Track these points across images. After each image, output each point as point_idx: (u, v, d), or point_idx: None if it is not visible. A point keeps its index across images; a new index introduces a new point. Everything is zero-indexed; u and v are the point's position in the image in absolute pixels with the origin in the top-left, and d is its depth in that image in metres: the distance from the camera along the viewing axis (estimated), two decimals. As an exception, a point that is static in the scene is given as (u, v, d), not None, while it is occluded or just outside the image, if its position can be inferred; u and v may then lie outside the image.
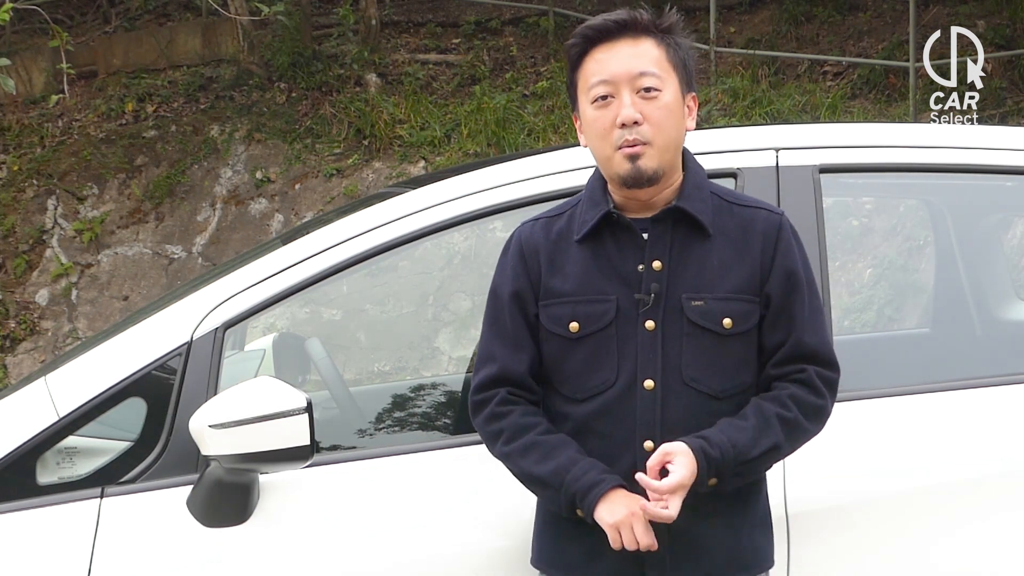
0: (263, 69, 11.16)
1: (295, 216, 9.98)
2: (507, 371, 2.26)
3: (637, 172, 2.19)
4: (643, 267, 2.22)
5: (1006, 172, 2.92)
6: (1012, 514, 2.58)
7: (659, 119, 2.19)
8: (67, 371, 2.68)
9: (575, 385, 2.24)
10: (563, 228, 2.30)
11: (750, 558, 2.26)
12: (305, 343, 3.66)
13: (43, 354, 9.56)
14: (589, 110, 2.23)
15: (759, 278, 2.22)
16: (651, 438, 2.18)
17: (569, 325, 2.23)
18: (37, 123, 11.20)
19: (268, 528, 2.50)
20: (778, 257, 2.23)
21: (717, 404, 2.20)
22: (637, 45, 2.21)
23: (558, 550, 2.29)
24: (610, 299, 2.22)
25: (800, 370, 2.22)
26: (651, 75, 2.19)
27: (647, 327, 2.20)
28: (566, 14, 11.41)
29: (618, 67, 2.19)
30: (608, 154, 2.21)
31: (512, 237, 2.35)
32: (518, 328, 2.27)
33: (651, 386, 2.19)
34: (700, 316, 2.20)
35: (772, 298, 2.23)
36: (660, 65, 2.21)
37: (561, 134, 9.70)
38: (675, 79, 2.23)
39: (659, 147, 2.19)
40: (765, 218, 2.26)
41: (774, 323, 2.23)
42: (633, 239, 2.24)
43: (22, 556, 2.50)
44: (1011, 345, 3.66)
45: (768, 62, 10.06)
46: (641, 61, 2.19)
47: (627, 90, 2.19)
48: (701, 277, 2.21)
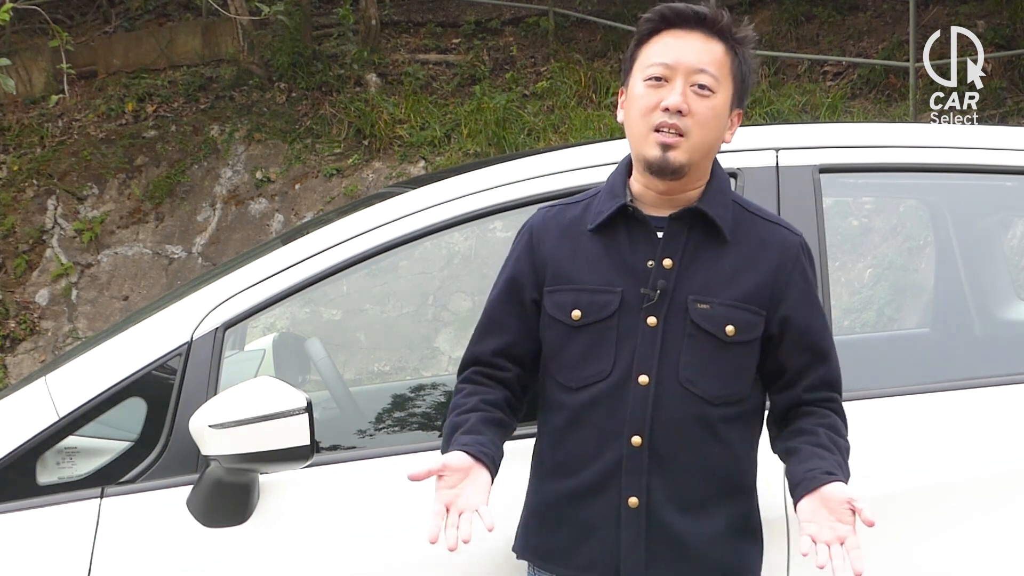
0: (263, 69, 11.16)
1: (295, 216, 9.98)
2: (474, 354, 2.34)
3: (664, 161, 2.19)
4: (653, 263, 2.22)
5: (1006, 172, 2.92)
6: (1013, 514, 2.58)
7: (703, 117, 2.19)
8: (67, 371, 2.68)
9: (571, 373, 2.25)
10: (578, 216, 2.31)
11: (734, 566, 2.25)
12: (305, 343, 3.66)
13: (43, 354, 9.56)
14: (640, 86, 2.23)
15: (769, 293, 2.23)
16: (639, 434, 2.19)
17: (572, 312, 2.24)
18: (37, 123, 11.20)
19: (268, 528, 2.50)
20: (797, 280, 2.25)
21: (710, 409, 2.21)
22: (708, 42, 2.22)
23: (542, 539, 2.30)
24: (616, 291, 2.22)
25: (831, 399, 2.27)
26: (710, 75, 2.20)
27: (649, 323, 2.20)
28: (566, 14, 11.41)
29: (682, 55, 2.20)
30: (644, 132, 2.21)
31: (527, 222, 2.37)
32: (501, 308, 2.33)
33: (645, 382, 2.19)
34: (704, 319, 2.20)
35: (792, 321, 2.23)
36: (721, 70, 2.21)
37: (561, 134, 9.70)
38: (730, 88, 2.24)
39: (693, 143, 2.20)
40: (785, 236, 2.27)
41: (797, 346, 2.24)
42: (647, 234, 2.24)
43: (22, 556, 2.50)
44: (1011, 345, 3.66)
45: (768, 62, 10.06)
46: (706, 58, 2.20)
47: (682, 79, 2.19)
48: (710, 281, 2.22)
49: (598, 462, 2.22)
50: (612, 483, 2.21)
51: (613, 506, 2.21)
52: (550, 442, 2.29)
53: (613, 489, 2.21)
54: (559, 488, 2.26)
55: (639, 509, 2.20)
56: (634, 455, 2.19)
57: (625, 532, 2.21)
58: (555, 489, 2.27)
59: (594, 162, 2.77)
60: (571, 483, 2.23)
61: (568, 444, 2.25)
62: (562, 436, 2.25)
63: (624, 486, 2.20)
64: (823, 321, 2.28)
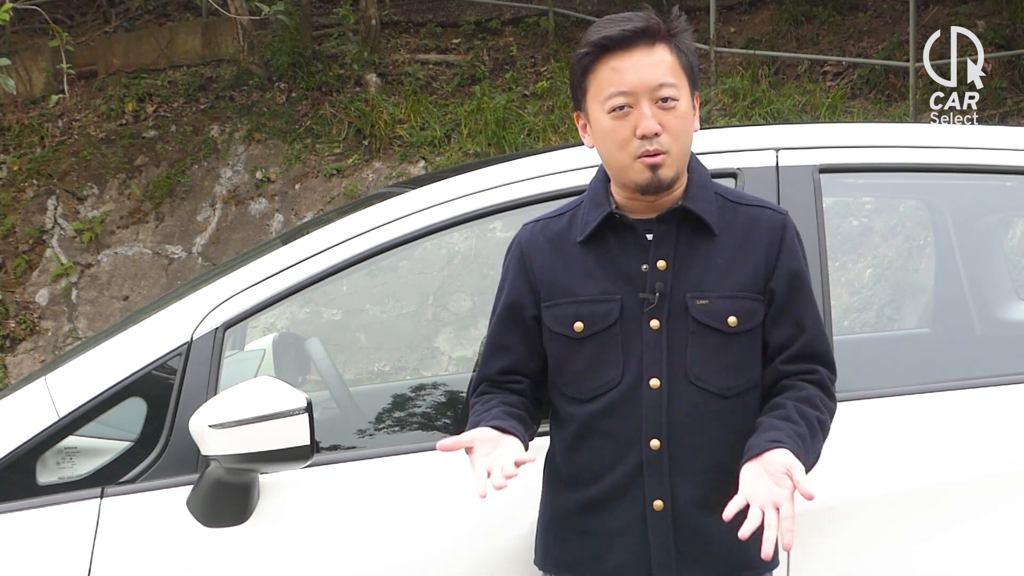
0: (263, 69, 11.16)
1: (295, 216, 9.98)
2: (484, 376, 2.35)
3: (658, 181, 2.19)
4: (647, 267, 2.22)
5: (1006, 172, 2.92)
6: (1013, 514, 2.58)
7: (677, 129, 2.19)
8: (67, 371, 2.68)
9: (580, 385, 2.25)
10: (564, 229, 2.31)
11: (756, 557, 2.26)
12: (305, 343, 3.66)
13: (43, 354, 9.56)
14: (605, 119, 2.21)
15: (763, 276, 2.23)
16: (657, 437, 2.19)
17: (574, 325, 2.24)
18: (37, 123, 11.20)
19: (268, 528, 2.50)
20: (783, 256, 2.24)
21: (723, 402, 2.21)
22: (652, 53, 2.19)
23: (563, 549, 2.29)
24: (615, 299, 2.22)
25: (813, 371, 2.24)
26: (669, 85, 2.18)
27: (652, 326, 2.21)
28: (566, 14, 11.41)
29: (637, 79, 2.17)
30: (627, 163, 2.21)
31: (514, 239, 2.36)
32: (503, 334, 2.33)
33: (657, 385, 2.19)
34: (705, 315, 2.21)
35: (776, 294, 2.24)
36: (675, 73, 2.20)
37: (561, 134, 9.70)
38: (687, 84, 2.23)
39: (676, 155, 2.20)
40: (770, 217, 2.27)
41: (777, 319, 2.24)
42: (637, 239, 2.24)
43: (22, 556, 2.50)
44: (1011, 345, 3.66)
45: (768, 62, 10.06)
46: (658, 71, 2.18)
47: (646, 101, 2.17)
48: (706, 276, 2.22)
49: (616, 470, 2.22)
50: (634, 489, 2.21)
51: (638, 511, 2.22)
52: (563, 454, 2.28)
53: (636, 494, 2.21)
54: (577, 498, 2.26)
55: (665, 512, 2.20)
56: (654, 459, 2.19)
57: (653, 535, 2.21)
58: (573, 499, 2.27)
59: (594, 162, 2.77)
60: (589, 492, 2.23)
61: (583, 454, 2.24)
62: (575, 447, 2.25)
63: (648, 490, 2.20)
64: (808, 296, 2.26)
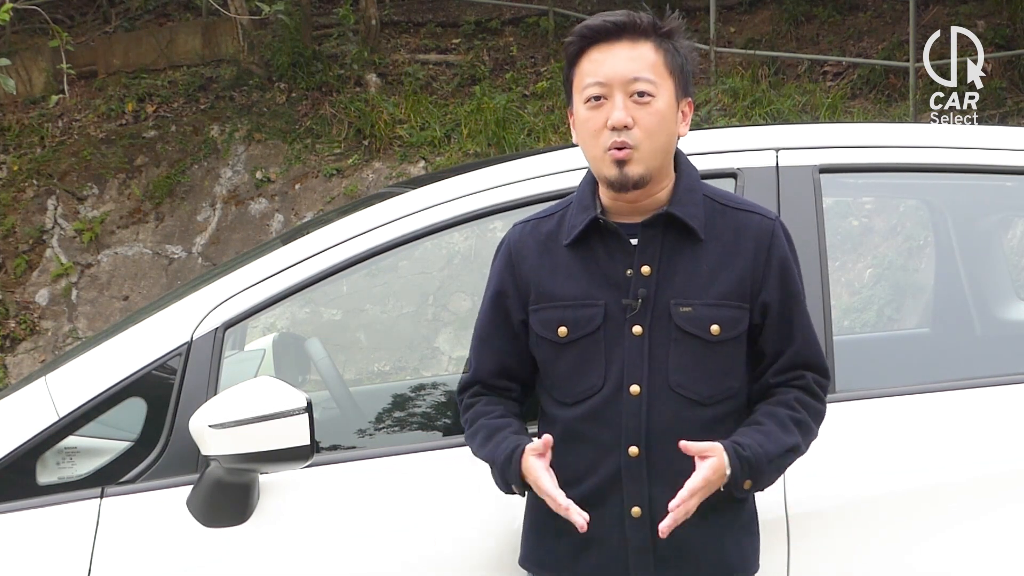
0: (263, 69, 11.16)
1: (295, 216, 9.98)
2: (476, 374, 2.35)
3: (624, 177, 2.19)
4: (632, 272, 2.21)
5: (1006, 172, 2.92)
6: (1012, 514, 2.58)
7: (649, 125, 2.18)
8: (67, 371, 2.68)
9: (564, 389, 2.25)
10: (553, 230, 2.30)
11: (736, 562, 2.26)
12: (305, 343, 3.66)
13: (43, 354, 9.56)
14: (582, 109, 2.22)
15: (750, 284, 2.22)
16: (636, 444, 2.19)
17: (558, 330, 2.24)
18: (37, 123, 11.19)
19: (268, 528, 2.50)
20: (774, 264, 2.23)
21: (703, 410, 2.21)
22: (635, 48, 2.19)
23: (545, 549, 2.30)
24: (598, 304, 2.22)
25: (799, 376, 2.25)
26: (645, 80, 2.18)
27: (634, 332, 2.20)
28: (566, 14, 11.41)
29: (612, 70, 2.18)
30: (598, 155, 2.21)
31: (503, 240, 2.36)
32: (492, 329, 2.34)
33: (637, 391, 2.19)
34: (688, 322, 2.20)
35: (771, 306, 2.23)
36: (656, 70, 2.19)
37: (561, 134, 9.70)
38: (671, 85, 2.21)
39: (646, 153, 2.19)
40: (759, 223, 2.25)
41: (775, 331, 2.24)
42: (621, 244, 2.23)
43: (22, 556, 2.50)
44: (1011, 345, 3.66)
45: (768, 62, 10.06)
46: (636, 65, 2.18)
47: (620, 93, 2.18)
48: (690, 283, 2.21)
49: (597, 474, 2.22)
50: (613, 494, 2.21)
51: (616, 516, 2.22)
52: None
53: (615, 500, 2.22)
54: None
55: (643, 518, 2.21)
56: (632, 466, 2.20)
57: (631, 541, 2.22)
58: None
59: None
60: (571, 495, 2.22)
61: (566, 457, 2.24)
62: (559, 449, 2.24)
63: (627, 497, 2.20)
64: (799, 305, 2.26)
